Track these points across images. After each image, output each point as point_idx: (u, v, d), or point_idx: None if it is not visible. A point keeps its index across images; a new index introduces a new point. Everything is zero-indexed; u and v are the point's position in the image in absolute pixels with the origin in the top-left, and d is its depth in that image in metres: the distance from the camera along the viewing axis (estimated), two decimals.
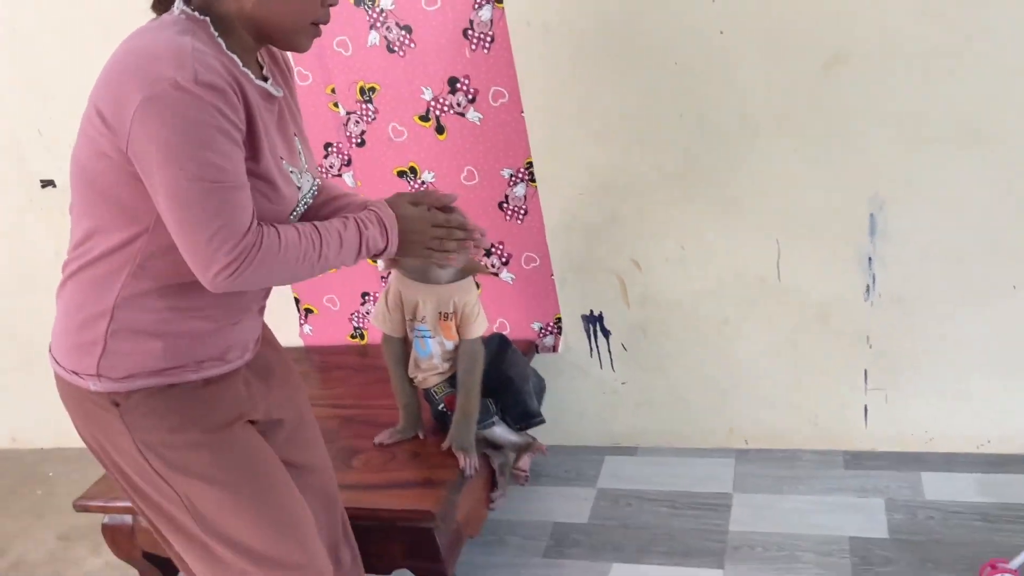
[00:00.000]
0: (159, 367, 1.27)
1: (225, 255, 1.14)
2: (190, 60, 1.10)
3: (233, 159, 1.14)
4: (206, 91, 1.10)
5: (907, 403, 2.18)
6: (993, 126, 1.84)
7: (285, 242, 1.21)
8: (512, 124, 2.15)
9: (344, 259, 1.30)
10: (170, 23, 1.19)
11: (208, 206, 1.13)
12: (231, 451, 1.34)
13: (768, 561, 1.95)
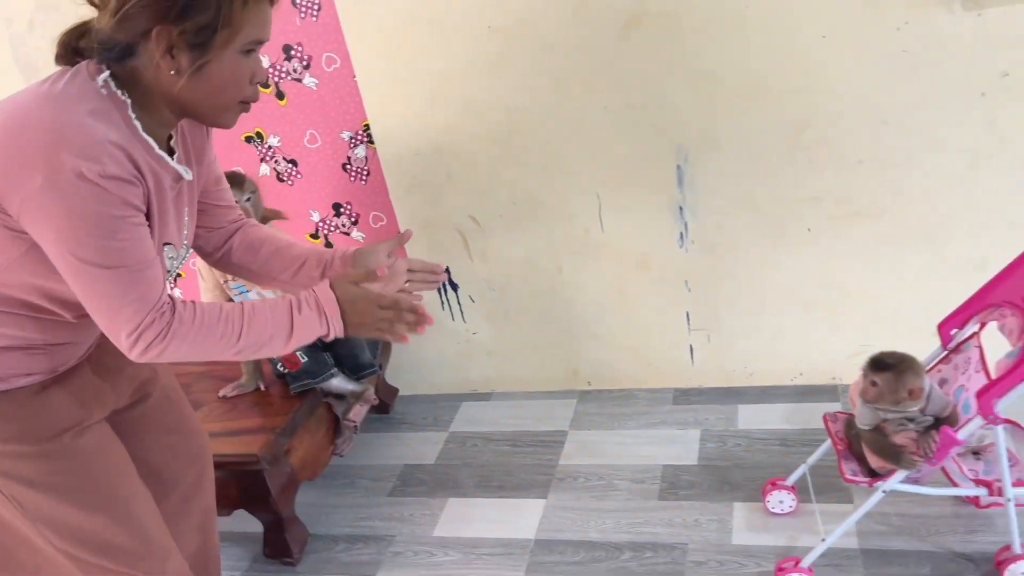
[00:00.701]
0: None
1: (132, 334, 1.15)
2: (99, 152, 1.07)
3: (136, 242, 1.14)
4: (111, 183, 1.08)
5: (727, 342, 2.34)
6: (779, 81, 1.98)
7: (201, 321, 1.20)
8: (347, 88, 2.25)
9: (273, 341, 1.25)
10: (84, 95, 1.12)
11: (109, 289, 1.13)
12: (61, 459, 1.32)
13: (587, 490, 2.11)
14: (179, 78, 1.13)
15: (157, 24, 1.08)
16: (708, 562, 1.82)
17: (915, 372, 1.58)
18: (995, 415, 1.47)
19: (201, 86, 1.15)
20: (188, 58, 1.11)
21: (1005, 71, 1.85)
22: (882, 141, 1.98)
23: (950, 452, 1.52)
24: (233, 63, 1.15)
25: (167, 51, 1.10)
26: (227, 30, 1.11)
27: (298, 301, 1.27)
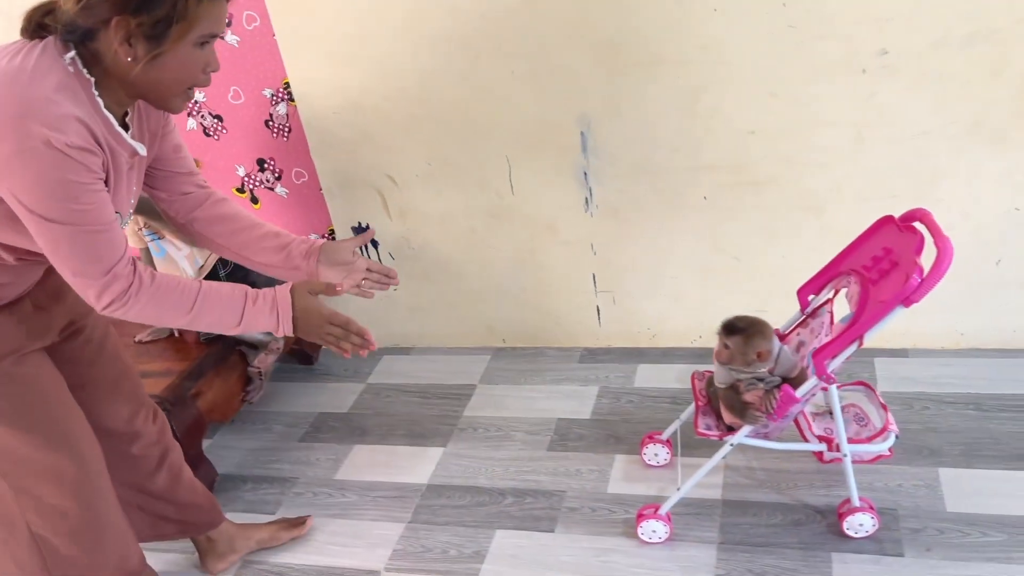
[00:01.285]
0: None
1: (97, 290, 1.27)
2: (65, 124, 1.17)
3: (97, 206, 1.23)
4: (75, 152, 1.18)
5: (632, 304, 2.43)
6: (673, 51, 2.04)
7: (158, 288, 1.33)
8: (266, 47, 2.31)
9: (222, 321, 1.39)
10: (52, 71, 1.20)
11: (75, 248, 1.24)
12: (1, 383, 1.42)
13: (485, 440, 2.22)
14: (135, 65, 1.21)
15: (116, 14, 1.16)
16: (582, 508, 1.93)
17: (763, 336, 1.67)
18: (827, 375, 1.56)
19: (155, 74, 1.23)
20: (144, 48, 1.20)
21: (884, 49, 1.92)
22: (772, 113, 2.05)
23: (790, 409, 1.62)
24: (186, 55, 1.23)
25: (125, 40, 1.19)
26: (182, 24, 1.19)
27: (255, 294, 1.41)
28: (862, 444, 1.68)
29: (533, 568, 1.80)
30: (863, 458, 1.74)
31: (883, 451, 1.70)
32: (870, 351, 2.27)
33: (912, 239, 1.56)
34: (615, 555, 1.79)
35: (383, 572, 1.86)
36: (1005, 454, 1.87)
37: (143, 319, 1.35)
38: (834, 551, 1.71)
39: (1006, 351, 2.19)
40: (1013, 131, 1.94)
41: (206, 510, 1.88)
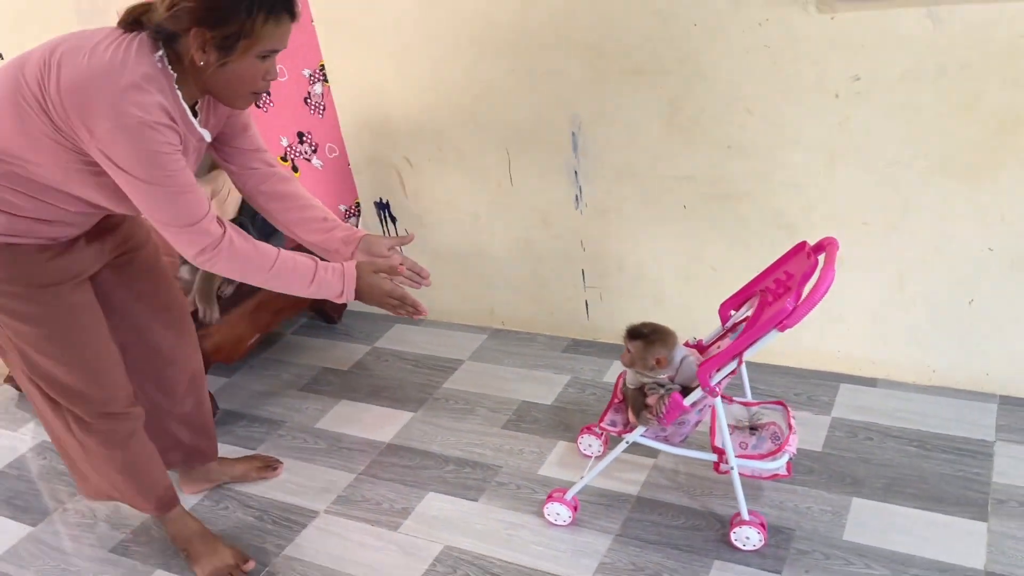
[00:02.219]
0: (1, 232, 1.57)
1: (190, 243, 1.53)
2: (152, 108, 1.42)
3: (179, 171, 1.48)
4: (161, 129, 1.43)
5: (617, 301, 2.52)
6: (655, 62, 2.11)
7: (242, 245, 1.57)
8: (306, 31, 2.54)
9: (296, 284, 1.65)
10: (143, 63, 1.43)
11: (162, 204, 1.49)
12: (51, 305, 1.66)
13: (451, 411, 2.38)
14: (207, 69, 1.46)
15: (195, 26, 1.41)
16: (509, 484, 2.07)
17: (663, 344, 1.74)
18: (711, 387, 1.63)
19: (222, 78, 1.48)
20: (215, 56, 1.44)
21: (856, 75, 1.91)
22: (747, 129, 2.08)
23: (679, 415, 1.69)
24: (250, 65, 1.48)
25: (200, 47, 1.43)
26: (248, 40, 1.44)
27: (325, 264, 1.67)
28: (752, 460, 1.72)
29: (447, 530, 1.96)
30: (760, 475, 1.78)
31: (776, 470, 1.74)
32: (838, 376, 2.26)
33: (809, 266, 1.59)
34: (522, 531, 1.92)
35: (322, 513, 2.07)
36: (925, 495, 1.85)
37: (229, 273, 1.62)
38: (717, 559, 1.76)
39: (975, 393, 2.12)
40: (985, 169, 1.89)
41: (211, 443, 2.14)
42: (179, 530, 1.96)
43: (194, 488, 2.20)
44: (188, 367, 2.01)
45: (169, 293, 1.97)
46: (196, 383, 2.05)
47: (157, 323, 1.93)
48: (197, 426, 2.08)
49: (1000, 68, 1.78)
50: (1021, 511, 1.77)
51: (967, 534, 1.73)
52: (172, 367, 1.97)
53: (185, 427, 2.06)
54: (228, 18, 1.41)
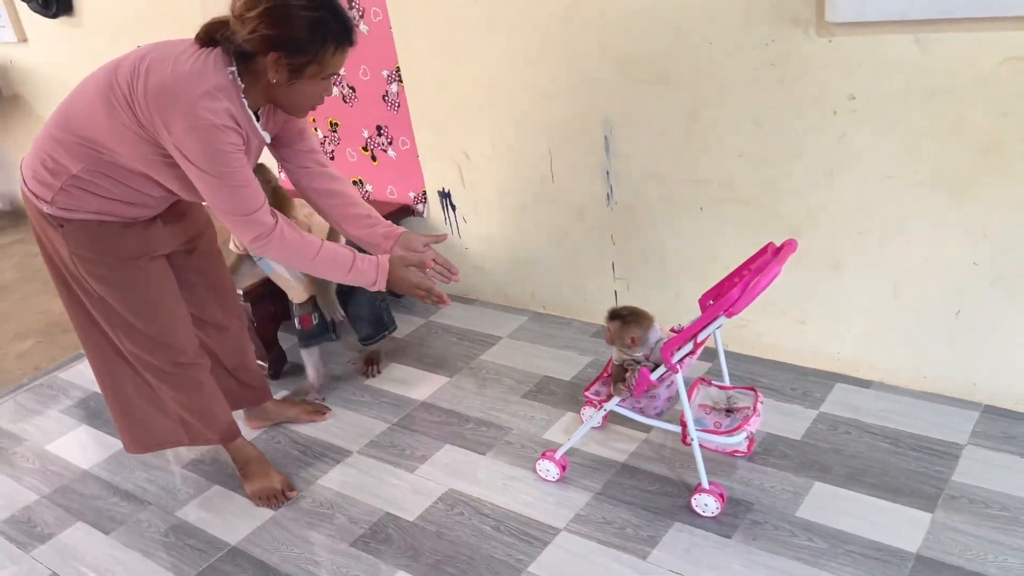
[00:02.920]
0: (91, 211, 1.91)
1: (245, 228, 1.83)
2: (220, 113, 1.72)
3: (240, 167, 1.78)
4: (226, 131, 1.73)
5: (643, 293, 2.73)
6: (676, 72, 2.32)
7: (292, 234, 1.88)
8: (385, 36, 2.89)
9: (335, 271, 1.95)
10: (217, 75, 1.73)
11: (224, 195, 1.79)
12: (133, 273, 2.01)
13: (482, 379, 2.67)
14: (278, 86, 1.78)
15: (274, 51, 1.71)
16: (515, 443, 2.33)
17: (638, 325, 1.97)
18: (671, 363, 1.84)
19: (289, 93, 1.81)
20: (286, 76, 1.76)
21: (852, 94, 2.07)
22: (756, 140, 2.26)
23: (645, 388, 1.91)
24: (314, 85, 1.81)
25: (275, 68, 1.74)
26: (316, 66, 1.76)
27: (363, 256, 1.97)
28: (712, 435, 1.92)
29: (454, 476, 2.24)
30: (721, 449, 1.98)
31: (735, 446, 1.93)
32: (836, 376, 2.40)
33: (766, 263, 1.78)
34: (516, 483, 2.18)
35: (355, 453, 2.40)
36: (883, 485, 1.99)
37: (278, 259, 1.98)
38: (678, 520, 1.97)
39: (962, 401, 2.22)
40: (971, 187, 2.00)
41: (258, 390, 2.51)
42: (240, 454, 2.33)
43: (256, 424, 2.58)
44: (233, 333, 2.37)
45: (222, 274, 2.33)
46: (241, 344, 2.40)
47: (211, 298, 2.30)
48: (243, 378, 2.44)
49: (982, 93, 1.90)
50: (968, 507, 1.89)
51: (911, 522, 1.87)
52: (221, 332, 2.34)
53: (233, 379, 2.41)
54: (303, 49, 1.73)
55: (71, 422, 2.77)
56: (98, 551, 2.16)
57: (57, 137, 1.87)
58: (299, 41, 1.72)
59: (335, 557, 2.02)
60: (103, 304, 2.05)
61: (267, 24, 1.70)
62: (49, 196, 1.91)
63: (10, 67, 4.52)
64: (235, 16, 1.74)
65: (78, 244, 1.96)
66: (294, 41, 1.72)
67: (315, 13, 1.72)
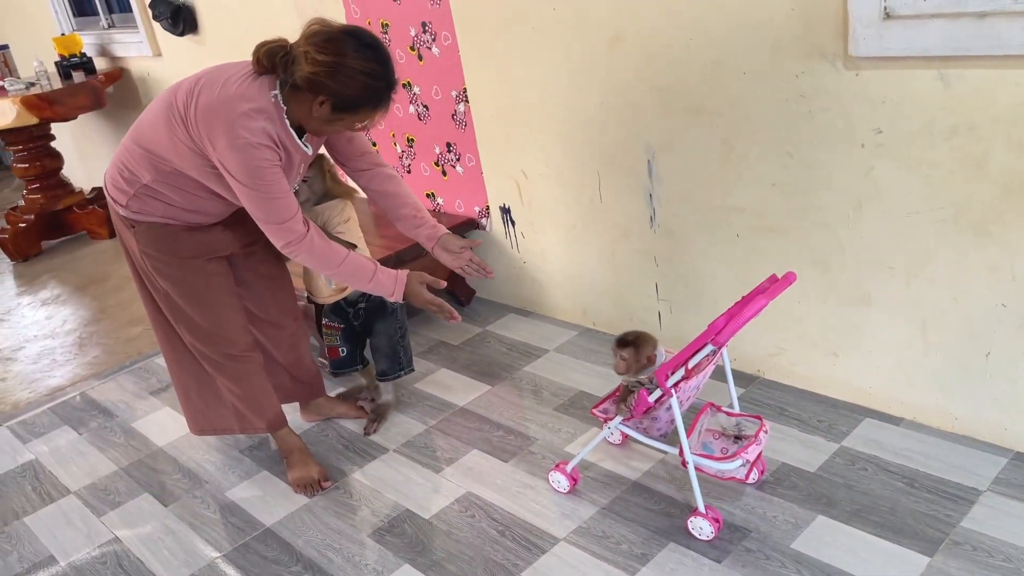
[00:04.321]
0: (158, 216, 2.17)
1: (278, 234, 2.03)
2: (258, 133, 1.92)
3: (275, 181, 1.98)
4: (263, 148, 1.93)
5: (684, 316, 2.77)
6: (712, 103, 2.36)
7: (320, 242, 2.07)
8: (454, 59, 3.06)
9: (358, 281, 2.16)
10: (262, 98, 1.94)
11: (260, 205, 1.99)
12: (193, 271, 2.24)
13: (519, 389, 2.78)
14: (316, 119, 1.99)
15: (323, 96, 1.93)
16: (538, 453, 2.43)
17: (649, 344, 2.03)
18: (665, 387, 1.90)
19: (318, 126, 2.03)
20: (327, 116, 1.97)
21: (878, 128, 2.05)
22: (788, 170, 2.27)
23: (643, 409, 1.97)
24: (346, 126, 2.03)
25: (318, 108, 1.95)
26: (353, 117, 2.00)
27: (384, 269, 2.16)
28: (706, 459, 1.96)
29: (475, 479, 2.37)
30: (719, 475, 2.01)
31: (731, 472, 1.96)
32: (866, 411, 2.37)
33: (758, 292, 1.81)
34: (529, 491, 2.29)
35: (391, 451, 2.57)
36: (888, 524, 1.96)
37: (307, 263, 2.16)
38: (673, 541, 2.02)
39: (991, 446, 2.15)
40: (994, 227, 1.95)
41: (311, 387, 2.72)
42: (285, 444, 2.54)
43: (309, 417, 2.79)
44: (288, 331, 2.58)
45: (280, 275, 2.54)
46: (295, 342, 2.60)
47: (268, 297, 2.51)
48: (297, 374, 2.65)
49: (1005, 131, 1.86)
50: (970, 554, 1.84)
51: (906, 564, 1.85)
52: (277, 330, 2.55)
53: (287, 375, 2.63)
54: (351, 106, 1.96)
55: (157, 403, 3.08)
56: (155, 520, 2.43)
57: (130, 149, 2.14)
58: (350, 99, 1.94)
59: (351, 545, 2.19)
60: (167, 298, 2.30)
61: (327, 75, 1.90)
62: (124, 201, 2.18)
63: (147, 78, 4.99)
64: (300, 50, 1.92)
65: (146, 243, 2.22)
66: (347, 98, 1.93)
67: (374, 82, 1.93)
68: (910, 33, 1.88)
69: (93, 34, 5.18)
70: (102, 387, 3.28)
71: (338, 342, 2.70)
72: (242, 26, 3.95)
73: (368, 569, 2.10)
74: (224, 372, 2.40)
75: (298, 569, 2.15)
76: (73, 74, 4.89)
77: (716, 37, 2.27)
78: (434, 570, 2.06)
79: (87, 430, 2.97)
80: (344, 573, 2.10)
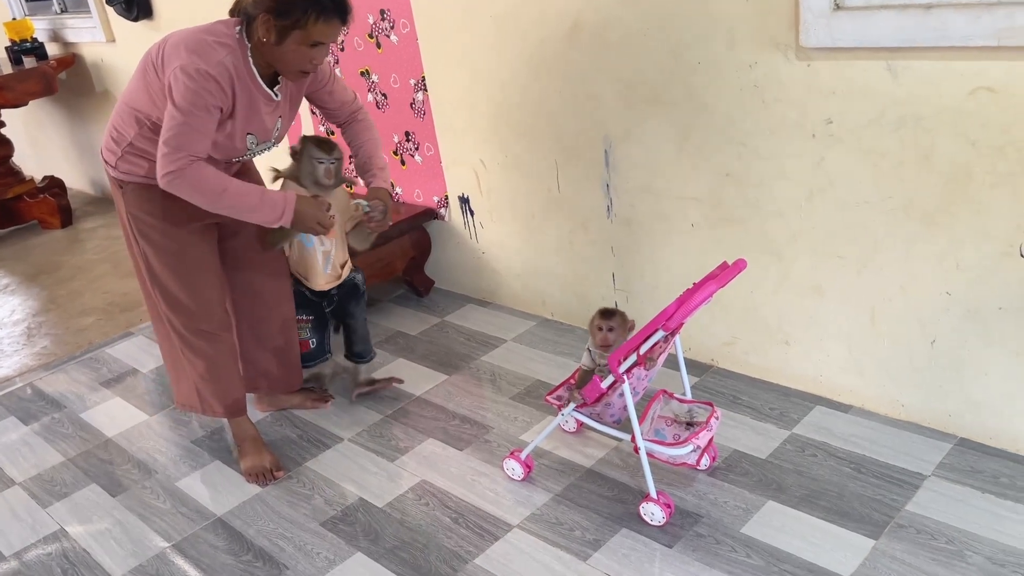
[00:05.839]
0: (143, 175, 2.18)
1: (168, 162, 1.96)
2: (214, 64, 1.95)
3: (206, 120, 1.97)
4: (212, 81, 1.94)
5: (640, 306, 2.78)
6: (668, 94, 2.37)
7: (204, 173, 2.00)
8: (413, 47, 3.04)
9: (243, 206, 2.06)
10: (226, 35, 2.01)
11: (175, 127, 1.95)
12: (174, 238, 2.23)
13: (476, 378, 2.77)
14: (268, 47, 2.00)
15: (263, 12, 1.96)
16: (493, 442, 2.43)
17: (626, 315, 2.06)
18: (617, 372, 1.90)
19: (278, 56, 2.01)
20: (274, 38, 1.98)
21: (829, 118, 2.08)
22: (742, 160, 2.29)
23: (595, 395, 1.98)
24: (300, 50, 2.00)
25: (265, 30, 1.97)
26: (300, 32, 1.99)
27: (270, 192, 2.12)
28: (657, 444, 1.97)
29: (429, 468, 2.36)
30: (671, 461, 2.02)
31: (682, 458, 1.98)
32: (817, 399, 2.40)
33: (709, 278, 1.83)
34: (484, 479, 2.28)
35: (346, 440, 2.55)
36: (835, 508, 1.99)
37: (184, 193, 2.02)
38: (626, 527, 2.03)
39: (937, 432, 2.19)
40: (940, 216, 1.99)
41: (294, 375, 2.67)
42: (239, 431, 2.50)
43: (264, 408, 2.76)
44: (280, 312, 2.54)
45: (277, 257, 2.49)
46: (286, 326, 2.57)
47: (260, 273, 2.47)
48: (285, 360, 2.61)
49: (950, 123, 1.89)
50: (914, 537, 1.88)
51: (852, 547, 1.87)
52: (266, 310, 2.51)
53: (275, 359, 2.59)
54: (288, 12, 1.94)
55: (107, 394, 3.02)
56: (103, 511, 2.38)
57: (120, 109, 2.18)
58: (285, 4, 1.94)
59: (303, 535, 2.17)
60: (146, 261, 2.29)
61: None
62: (114, 161, 2.21)
63: (101, 65, 4.89)
64: None
65: (132, 204, 2.23)
66: (281, 4, 1.94)
67: None
68: (859, 24, 1.91)
69: (45, 19, 5.06)
70: (51, 378, 3.21)
71: (308, 334, 2.67)
72: (198, 11, 3.88)
73: (320, 558, 2.09)
74: (190, 348, 2.37)
75: (249, 558, 2.12)
76: (24, 59, 4.78)
77: (672, 27, 2.28)
78: (387, 558, 2.05)
79: (35, 421, 2.91)
80: (295, 562, 2.08)
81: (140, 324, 3.54)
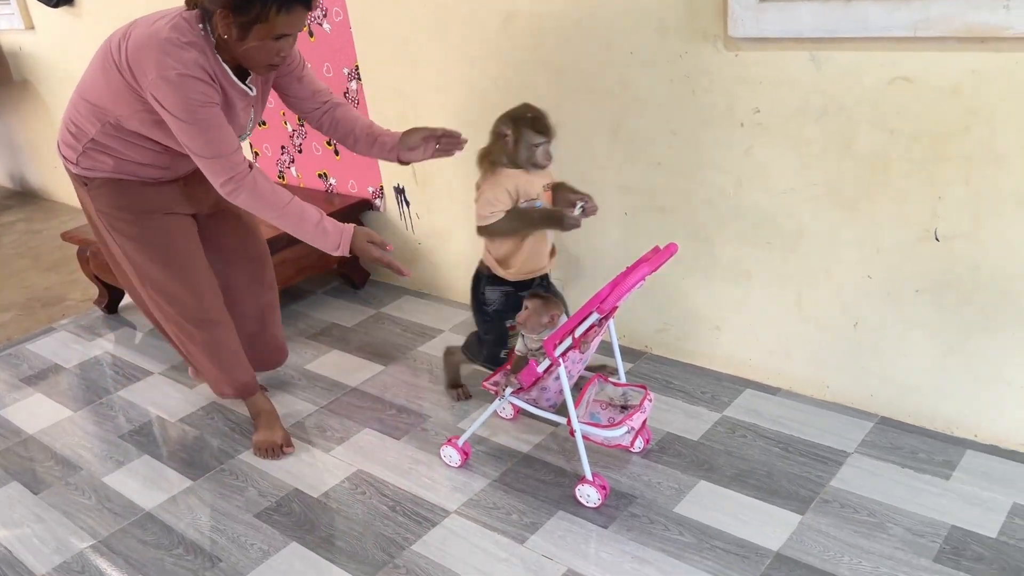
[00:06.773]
0: (109, 171, 2.10)
1: (217, 172, 1.91)
2: (189, 64, 1.85)
3: (213, 116, 1.89)
4: (196, 81, 1.85)
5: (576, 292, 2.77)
6: (600, 83, 2.40)
7: (264, 184, 1.95)
8: (346, 36, 3.01)
9: (301, 227, 2.00)
10: (189, 31, 1.87)
11: (197, 139, 1.89)
12: (153, 229, 2.17)
13: (412, 368, 2.77)
14: (233, 44, 1.89)
15: (221, 9, 1.84)
16: (431, 431, 2.43)
17: (556, 306, 2.06)
18: (553, 356, 1.92)
19: (243, 51, 1.90)
20: (236, 35, 1.87)
21: (757, 108, 2.14)
22: (673, 149, 2.34)
23: (531, 379, 2.00)
24: (265, 44, 1.89)
25: (225, 26, 1.86)
26: (263, 26, 1.85)
27: (330, 220, 2.03)
28: (592, 427, 2.00)
29: (366, 457, 2.34)
30: (605, 443, 2.05)
31: (617, 440, 2.01)
32: (747, 382, 2.46)
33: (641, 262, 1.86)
34: (421, 466, 2.28)
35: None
36: (764, 486, 2.05)
37: (247, 205, 1.99)
38: (561, 509, 2.05)
39: (860, 412, 2.28)
40: (862, 203, 2.06)
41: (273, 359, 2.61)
42: (254, 406, 2.46)
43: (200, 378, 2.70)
44: (259, 301, 2.48)
45: (254, 242, 2.44)
46: (264, 313, 2.51)
47: (238, 263, 2.41)
48: (260, 345, 2.53)
49: (870, 112, 1.96)
50: (838, 511, 1.95)
51: (779, 522, 1.93)
52: (244, 297, 2.44)
53: (248, 344, 2.47)
54: (246, 8, 1.82)
55: (28, 390, 2.92)
56: (24, 509, 2.30)
57: (76, 103, 2.08)
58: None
59: (237, 527, 2.13)
60: (127, 256, 2.22)
61: None
62: (74, 158, 2.13)
63: (20, 53, 4.72)
64: None
65: (100, 200, 2.16)
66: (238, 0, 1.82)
67: None
68: (784, 15, 1.96)
69: None
70: None
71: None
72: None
73: (254, 549, 2.05)
74: (190, 337, 2.32)
75: (180, 552, 2.08)
76: None
77: (604, 17, 2.31)
78: (322, 547, 2.03)
79: None
80: (228, 554, 2.05)
81: (62, 320, 3.43)
